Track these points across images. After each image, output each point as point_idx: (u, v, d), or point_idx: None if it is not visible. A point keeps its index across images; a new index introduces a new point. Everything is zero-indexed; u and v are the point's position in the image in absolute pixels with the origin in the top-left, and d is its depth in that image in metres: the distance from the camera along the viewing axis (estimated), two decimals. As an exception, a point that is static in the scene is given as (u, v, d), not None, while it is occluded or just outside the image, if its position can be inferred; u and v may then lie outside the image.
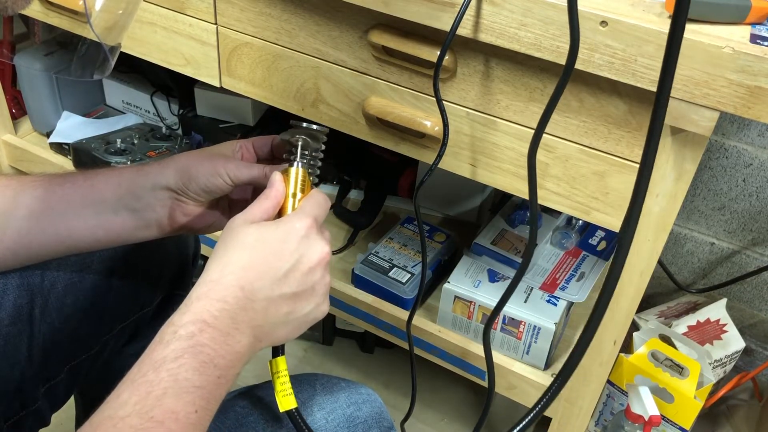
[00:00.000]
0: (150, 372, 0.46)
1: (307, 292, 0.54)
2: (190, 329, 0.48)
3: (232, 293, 0.50)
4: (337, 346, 1.33)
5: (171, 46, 0.94)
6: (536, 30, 0.64)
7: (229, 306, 0.50)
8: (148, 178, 0.63)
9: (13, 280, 0.65)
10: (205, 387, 0.47)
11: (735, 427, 1.23)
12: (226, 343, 0.49)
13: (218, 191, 0.62)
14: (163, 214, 0.63)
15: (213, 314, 0.49)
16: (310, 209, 0.57)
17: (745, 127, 1.12)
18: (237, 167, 0.61)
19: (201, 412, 0.46)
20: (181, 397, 0.45)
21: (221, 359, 0.48)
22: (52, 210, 0.62)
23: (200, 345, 0.47)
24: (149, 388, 0.45)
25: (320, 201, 0.58)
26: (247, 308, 0.51)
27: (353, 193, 1.28)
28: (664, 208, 0.70)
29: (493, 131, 0.76)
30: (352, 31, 0.78)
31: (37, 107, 1.34)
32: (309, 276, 0.54)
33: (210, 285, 0.51)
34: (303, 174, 0.61)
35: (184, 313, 0.49)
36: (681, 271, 1.30)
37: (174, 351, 0.47)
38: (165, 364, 0.46)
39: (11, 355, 0.65)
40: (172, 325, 0.48)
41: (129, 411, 0.44)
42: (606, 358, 0.85)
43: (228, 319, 0.49)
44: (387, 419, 0.67)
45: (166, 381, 0.45)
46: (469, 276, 1.01)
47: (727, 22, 0.62)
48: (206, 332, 0.48)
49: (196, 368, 0.46)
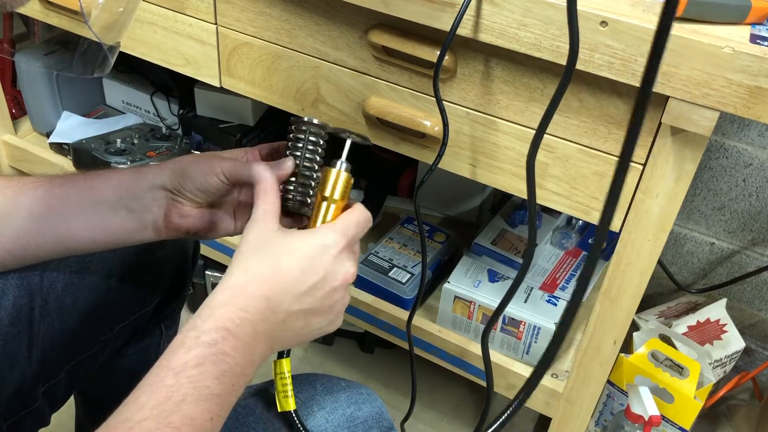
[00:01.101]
0: (169, 377, 0.46)
1: (325, 309, 0.54)
2: (213, 336, 0.48)
3: (254, 304, 0.50)
4: (337, 346, 1.33)
5: (171, 46, 0.94)
6: (536, 30, 0.64)
7: (250, 316, 0.50)
8: (146, 179, 0.62)
9: (12, 280, 0.65)
10: (221, 395, 0.47)
11: (735, 427, 1.23)
12: (245, 352, 0.49)
13: (214, 190, 0.61)
14: (159, 215, 0.62)
15: (235, 322, 0.49)
16: (347, 228, 0.55)
17: (745, 127, 1.12)
18: (233, 165, 0.60)
19: (216, 419, 0.46)
20: (199, 404, 0.45)
21: (239, 368, 0.48)
22: (52, 210, 0.62)
23: (222, 354, 0.47)
24: (169, 394, 0.45)
25: (361, 221, 0.56)
26: (267, 320, 0.51)
27: (353, 193, 1.27)
28: (664, 208, 0.70)
29: (493, 131, 0.76)
30: (352, 31, 0.78)
31: (37, 107, 1.34)
32: (331, 295, 0.54)
33: (233, 292, 0.51)
34: (346, 179, 0.57)
35: (206, 318, 0.49)
36: (681, 271, 1.30)
37: (196, 357, 0.47)
38: (186, 370, 0.46)
39: (11, 355, 0.65)
40: (195, 330, 0.48)
41: (146, 415, 0.44)
42: (606, 358, 0.85)
43: (249, 328, 0.50)
44: (387, 419, 0.67)
45: (186, 387, 0.45)
46: (469, 276, 1.01)
47: (727, 22, 0.62)
48: (228, 341, 0.48)
49: (216, 377, 0.47)
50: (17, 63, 1.29)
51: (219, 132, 1.26)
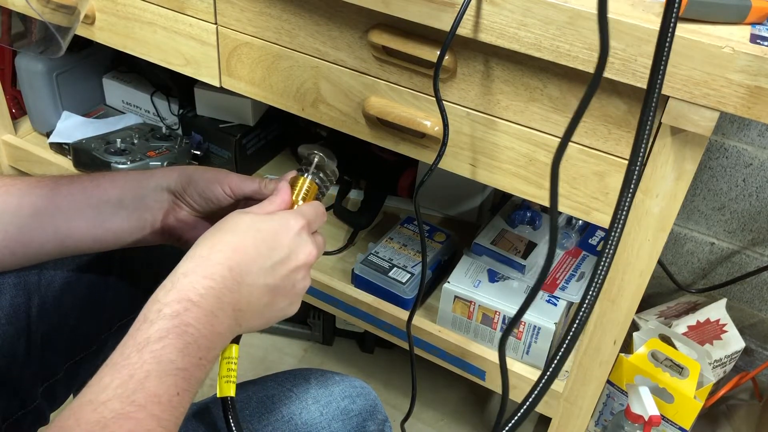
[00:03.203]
0: (133, 354, 0.45)
1: (287, 288, 0.55)
2: (175, 308, 0.47)
3: (219, 272, 0.50)
4: (337, 346, 1.33)
5: (171, 46, 0.94)
6: (536, 30, 0.64)
7: (216, 284, 0.50)
8: (153, 179, 0.64)
9: (9, 279, 0.65)
10: (187, 369, 0.46)
11: (735, 427, 1.23)
12: (210, 323, 0.48)
13: (214, 199, 0.63)
14: (157, 215, 0.64)
15: (199, 292, 0.48)
16: (307, 211, 0.58)
17: (745, 127, 1.12)
18: (239, 179, 0.63)
19: (182, 394, 0.45)
20: (163, 379, 0.44)
21: (204, 340, 0.48)
22: (56, 207, 0.63)
23: (185, 325, 0.47)
24: (131, 371, 0.44)
25: (319, 210, 0.60)
26: (233, 290, 0.51)
27: (353, 193, 1.28)
28: (664, 208, 0.70)
29: (493, 131, 0.76)
30: (352, 31, 0.78)
31: (37, 107, 1.34)
32: (293, 274, 0.55)
33: (198, 260, 0.51)
34: (310, 185, 0.63)
35: (169, 290, 0.48)
36: (681, 271, 1.30)
37: (158, 331, 0.46)
38: (149, 345, 0.45)
39: (9, 354, 0.65)
40: (157, 303, 0.48)
41: (110, 395, 0.43)
42: (606, 358, 0.85)
43: (213, 298, 0.49)
44: (381, 412, 0.67)
45: (150, 363, 0.44)
46: (469, 276, 1.01)
47: (727, 22, 0.62)
48: (191, 311, 0.47)
49: (180, 349, 0.46)
50: (17, 63, 1.29)
51: (219, 132, 1.26)
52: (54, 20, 0.46)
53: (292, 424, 0.60)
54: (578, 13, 0.62)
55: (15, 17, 0.51)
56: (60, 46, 0.47)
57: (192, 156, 1.26)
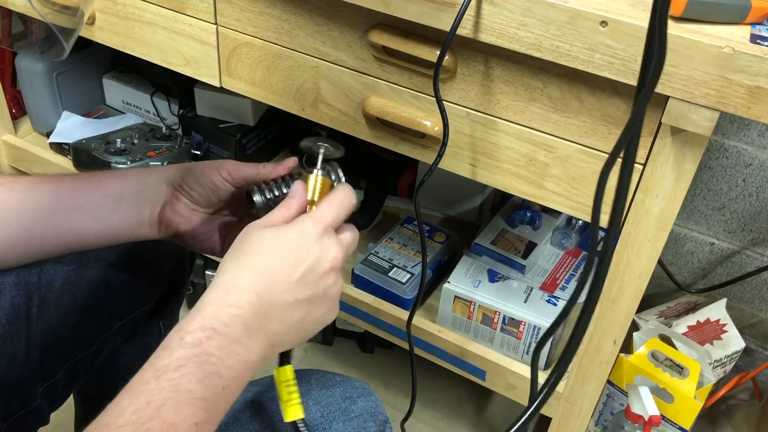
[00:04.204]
0: (152, 380, 0.44)
1: (320, 296, 0.53)
2: (197, 336, 0.46)
3: (246, 298, 0.49)
4: (337, 346, 1.33)
5: (171, 46, 0.94)
6: (536, 30, 0.64)
7: (242, 312, 0.48)
8: (154, 174, 0.65)
9: (9, 279, 0.65)
10: (208, 399, 0.45)
11: (735, 427, 1.23)
12: (235, 352, 0.47)
13: (212, 186, 0.63)
14: (156, 209, 0.64)
15: (224, 321, 0.47)
16: (325, 212, 0.55)
17: (745, 127, 1.12)
18: (238, 164, 0.63)
19: (202, 425, 0.44)
20: (181, 409, 0.43)
21: (227, 370, 0.47)
22: (59, 203, 0.63)
23: (206, 354, 0.46)
24: (149, 398, 0.43)
25: (341, 199, 0.57)
26: (261, 315, 0.50)
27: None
28: (663, 209, 0.70)
29: (493, 131, 0.76)
30: (352, 31, 0.78)
31: (37, 107, 1.34)
32: (322, 281, 0.53)
33: (223, 288, 0.50)
34: (323, 182, 0.59)
35: (194, 318, 0.48)
36: (681, 271, 1.30)
37: (178, 359, 0.45)
38: (167, 372, 0.44)
39: (9, 354, 0.65)
40: (180, 331, 0.47)
41: (126, 420, 0.42)
42: (606, 358, 0.85)
43: (240, 326, 0.48)
44: (382, 413, 0.67)
45: (167, 391, 0.44)
46: (469, 276, 1.01)
47: (727, 22, 0.62)
48: (214, 340, 0.46)
49: (200, 379, 0.45)
50: (17, 63, 1.29)
51: (219, 132, 1.26)
52: (57, 22, 0.45)
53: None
54: (578, 13, 0.62)
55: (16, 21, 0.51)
56: (63, 48, 0.46)
57: (192, 156, 1.26)
